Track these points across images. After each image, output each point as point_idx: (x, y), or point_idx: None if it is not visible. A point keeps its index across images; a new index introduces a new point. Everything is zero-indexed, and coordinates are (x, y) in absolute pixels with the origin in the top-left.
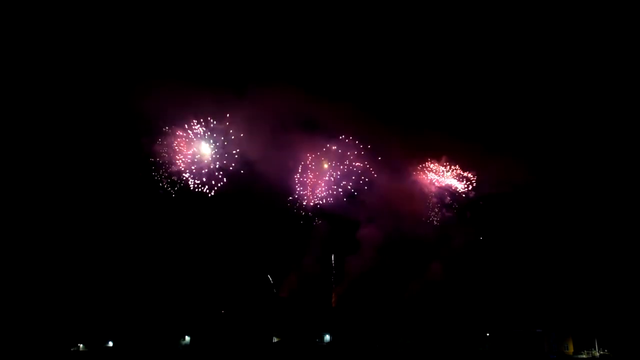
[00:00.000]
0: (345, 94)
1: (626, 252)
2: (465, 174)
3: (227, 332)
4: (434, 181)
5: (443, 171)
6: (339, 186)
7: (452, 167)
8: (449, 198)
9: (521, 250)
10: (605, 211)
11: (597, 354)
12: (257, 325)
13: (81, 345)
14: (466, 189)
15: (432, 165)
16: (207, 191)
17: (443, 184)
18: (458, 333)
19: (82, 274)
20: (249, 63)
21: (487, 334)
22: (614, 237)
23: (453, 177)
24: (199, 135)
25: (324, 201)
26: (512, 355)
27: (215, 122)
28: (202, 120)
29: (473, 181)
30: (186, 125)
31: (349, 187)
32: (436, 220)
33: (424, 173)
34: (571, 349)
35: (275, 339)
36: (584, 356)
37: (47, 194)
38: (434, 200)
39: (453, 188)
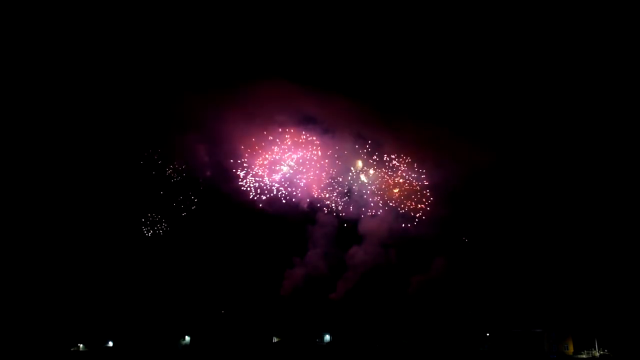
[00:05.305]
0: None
1: (626, 252)
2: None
3: (227, 332)
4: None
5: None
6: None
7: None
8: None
9: (521, 250)
10: (606, 210)
11: (597, 354)
12: (257, 325)
13: (81, 345)
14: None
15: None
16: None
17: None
18: (458, 333)
19: (82, 274)
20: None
21: (487, 334)
22: (614, 236)
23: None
24: None
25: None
26: (512, 355)
27: None
28: None
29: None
30: None
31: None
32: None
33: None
34: (571, 349)
35: (275, 339)
36: (584, 356)
37: (47, 193)
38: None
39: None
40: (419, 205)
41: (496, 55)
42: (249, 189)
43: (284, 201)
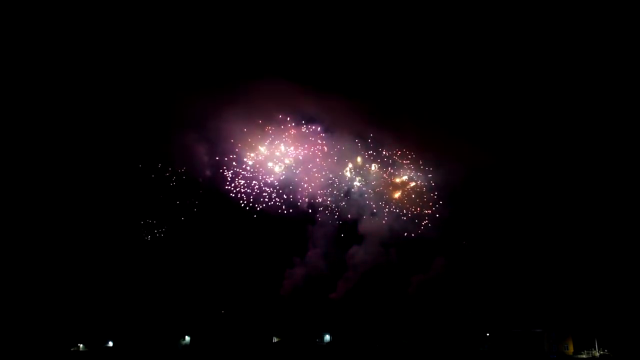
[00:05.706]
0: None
1: (626, 251)
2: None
3: (227, 332)
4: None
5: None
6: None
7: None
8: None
9: (521, 249)
10: (605, 211)
11: (597, 354)
12: (257, 325)
13: (81, 345)
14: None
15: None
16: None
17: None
18: (458, 333)
19: (82, 274)
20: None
21: (487, 334)
22: (614, 236)
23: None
24: None
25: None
26: (512, 355)
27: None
28: None
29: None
30: None
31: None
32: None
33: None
34: (571, 349)
35: (275, 339)
36: (584, 356)
37: (47, 195)
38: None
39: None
40: (425, 211)
41: (496, 55)
42: (240, 194)
43: (282, 204)
